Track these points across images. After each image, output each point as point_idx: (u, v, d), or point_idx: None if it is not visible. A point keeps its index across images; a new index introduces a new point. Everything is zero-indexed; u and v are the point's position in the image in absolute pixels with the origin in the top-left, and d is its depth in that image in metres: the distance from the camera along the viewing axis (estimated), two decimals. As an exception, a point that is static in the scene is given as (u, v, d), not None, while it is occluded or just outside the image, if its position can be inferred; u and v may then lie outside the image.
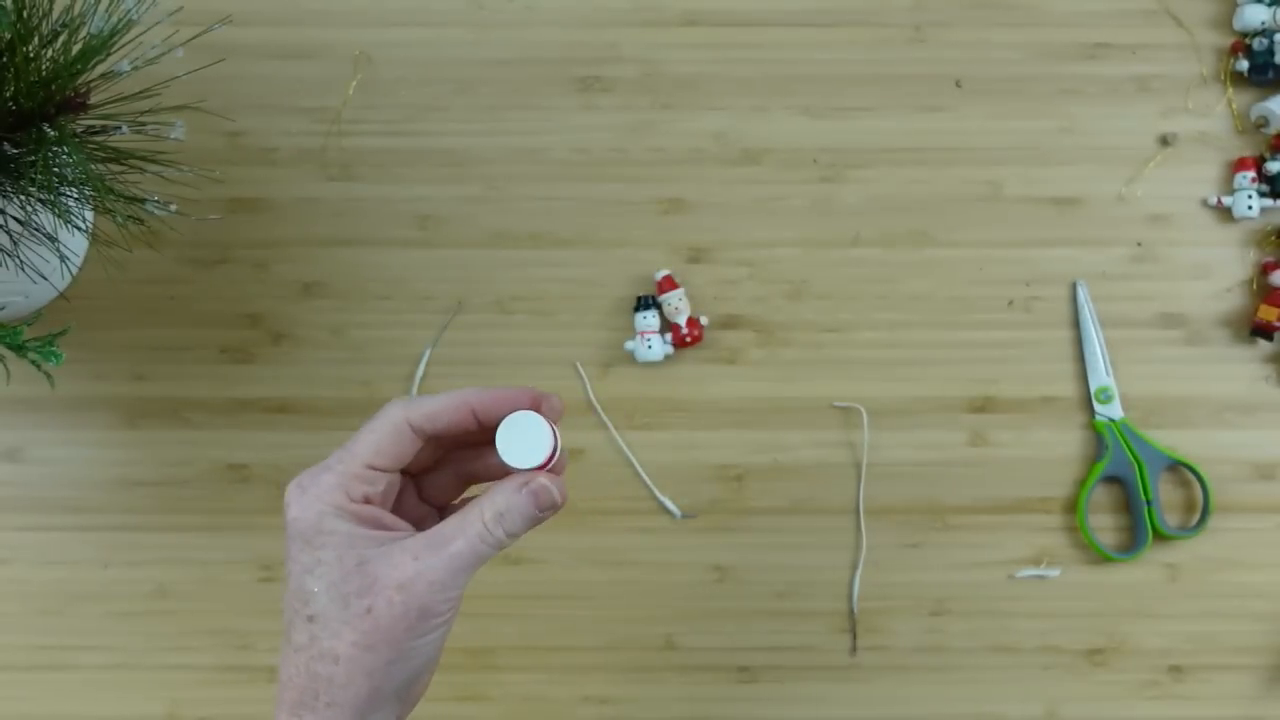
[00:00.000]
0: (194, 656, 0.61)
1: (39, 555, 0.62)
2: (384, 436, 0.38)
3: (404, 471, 0.40)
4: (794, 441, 0.62)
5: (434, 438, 0.40)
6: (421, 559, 0.36)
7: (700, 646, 0.61)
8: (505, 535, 0.38)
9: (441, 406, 0.39)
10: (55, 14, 0.48)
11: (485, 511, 0.38)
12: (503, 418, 0.38)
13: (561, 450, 0.40)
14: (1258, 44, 0.64)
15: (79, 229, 0.55)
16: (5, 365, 0.49)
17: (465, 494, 0.44)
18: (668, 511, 0.62)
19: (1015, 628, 0.61)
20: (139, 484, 0.62)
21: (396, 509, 0.41)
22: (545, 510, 0.39)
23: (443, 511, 0.43)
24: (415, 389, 0.62)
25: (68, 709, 0.61)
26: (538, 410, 0.39)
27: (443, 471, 0.43)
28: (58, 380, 0.59)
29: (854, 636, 0.61)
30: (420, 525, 0.40)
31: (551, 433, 0.39)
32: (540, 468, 0.39)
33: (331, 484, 0.37)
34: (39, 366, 0.47)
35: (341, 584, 0.36)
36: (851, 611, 0.61)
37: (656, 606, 0.62)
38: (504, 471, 0.39)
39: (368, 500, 0.38)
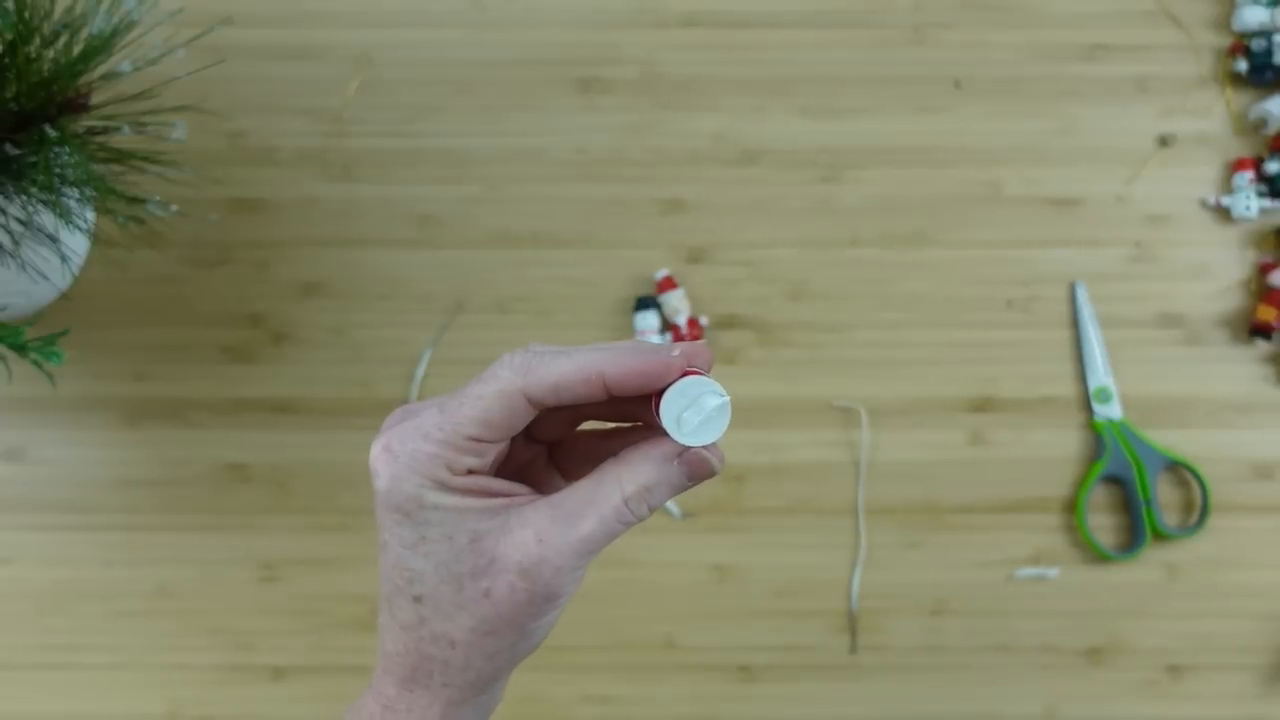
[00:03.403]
0: (195, 656, 0.61)
1: (40, 555, 0.62)
2: (494, 406, 0.32)
3: None
4: (794, 441, 0.62)
5: (558, 406, 0.34)
6: (547, 541, 0.32)
7: (700, 646, 0.61)
8: (648, 511, 0.33)
9: (570, 376, 0.32)
10: (56, 15, 0.49)
11: (626, 486, 0.33)
12: (639, 390, 0.32)
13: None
14: (1256, 45, 0.64)
15: (80, 229, 0.55)
16: (7, 365, 0.49)
17: (582, 427, 0.38)
18: (668, 511, 0.62)
19: (1015, 627, 0.62)
20: (140, 484, 0.62)
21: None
22: (698, 482, 0.34)
23: (553, 451, 0.38)
24: (416, 390, 0.63)
25: (69, 708, 0.61)
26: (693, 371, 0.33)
27: (557, 410, 0.36)
28: (59, 380, 0.59)
29: (854, 635, 0.61)
30: (528, 469, 0.36)
31: (723, 393, 0.32)
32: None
33: (428, 454, 0.32)
34: (40, 366, 0.47)
35: (454, 564, 0.32)
36: (851, 611, 0.62)
37: (656, 606, 0.62)
38: (625, 411, 0.34)
39: (471, 473, 0.33)
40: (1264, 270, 0.63)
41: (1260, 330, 0.62)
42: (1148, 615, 0.61)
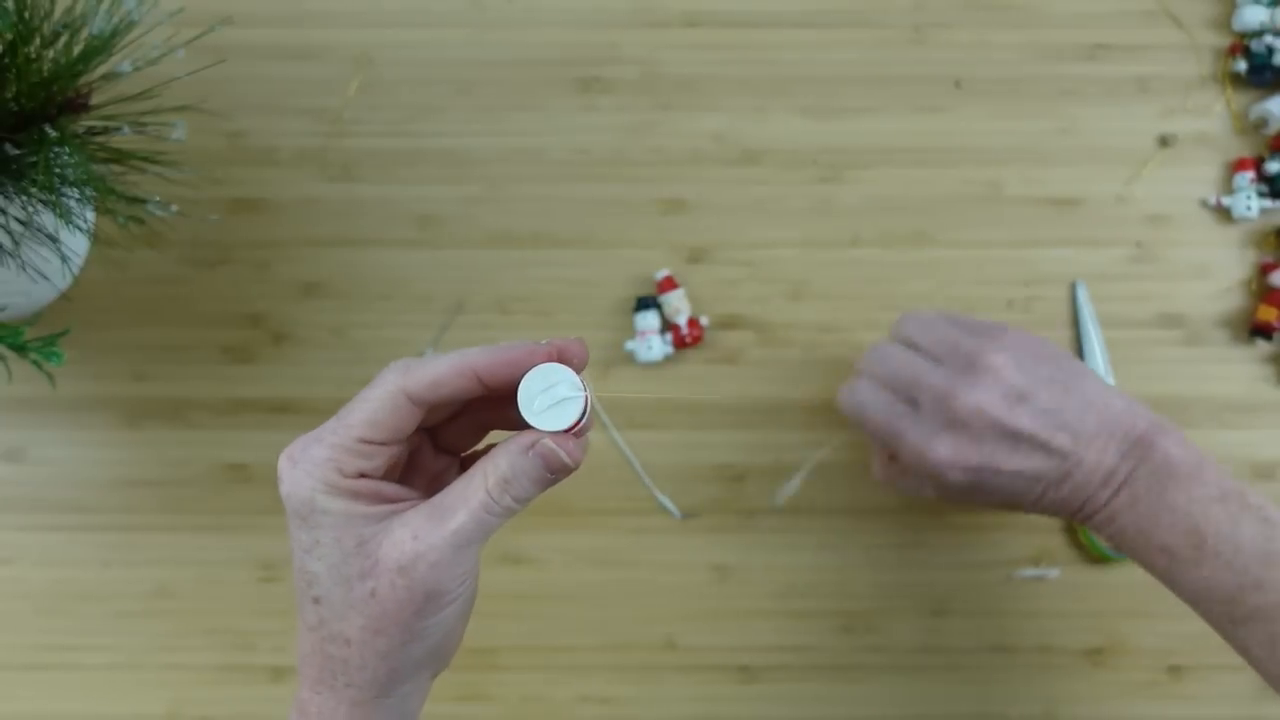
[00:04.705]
0: (194, 656, 0.61)
1: (40, 555, 0.62)
2: (379, 408, 0.35)
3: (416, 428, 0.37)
4: (794, 441, 0.62)
5: (438, 405, 0.36)
6: (421, 537, 0.33)
7: (700, 646, 0.61)
8: (513, 502, 0.35)
9: (443, 373, 0.35)
10: (56, 15, 0.48)
11: (489, 477, 0.34)
12: (512, 379, 0.34)
13: (590, 406, 0.36)
14: (1256, 45, 0.64)
15: (80, 229, 0.55)
16: (6, 365, 0.49)
17: (486, 441, 0.40)
18: (668, 511, 0.62)
19: (1015, 628, 0.61)
20: (139, 484, 0.62)
21: (411, 465, 0.38)
22: (557, 473, 0.35)
23: (464, 463, 0.40)
24: (416, 389, 0.62)
25: (68, 708, 0.61)
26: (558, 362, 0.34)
27: (459, 420, 0.39)
28: (59, 380, 0.59)
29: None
30: (439, 481, 0.37)
31: (581, 388, 0.34)
32: (570, 429, 0.35)
33: (322, 458, 0.34)
34: (40, 366, 0.47)
35: (342, 566, 0.34)
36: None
37: (656, 606, 0.62)
38: (524, 421, 0.35)
39: (362, 475, 0.35)
40: (1265, 270, 0.63)
41: (1261, 330, 0.62)
42: (1148, 615, 0.61)
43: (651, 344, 0.62)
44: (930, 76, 0.65)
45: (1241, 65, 0.64)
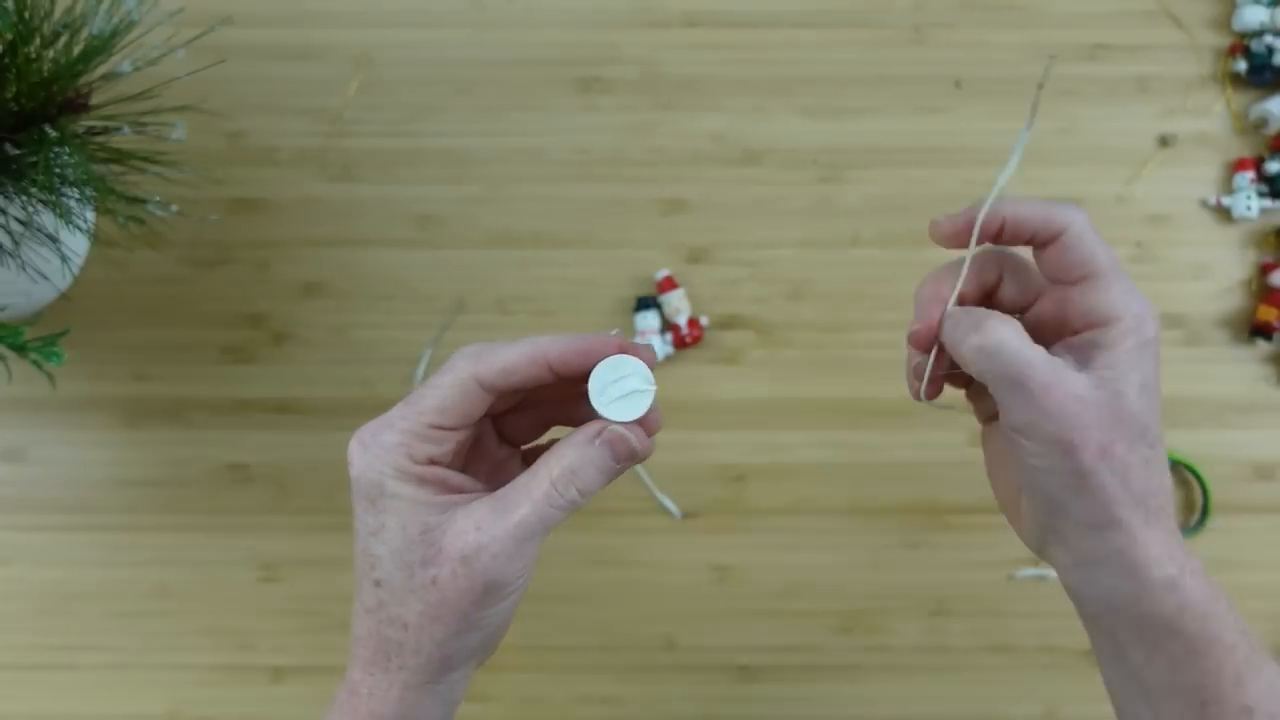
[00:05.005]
0: (194, 656, 0.61)
1: (40, 555, 0.62)
2: (451, 394, 0.35)
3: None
4: (794, 441, 0.62)
5: (508, 392, 0.36)
6: (484, 528, 0.34)
7: (700, 646, 0.61)
8: (578, 495, 0.35)
9: (514, 360, 0.35)
10: (56, 15, 0.48)
11: (553, 469, 0.34)
12: (583, 369, 0.35)
13: (655, 404, 0.36)
14: (1256, 45, 0.64)
15: (80, 229, 0.55)
16: (6, 365, 0.49)
17: (548, 436, 0.40)
18: (668, 511, 0.62)
19: (1015, 628, 0.61)
20: (139, 484, 0.62)
21: (474, 454, 0.38)
22: (623, 463, 0.35)
23: (526, 456, 0.40)
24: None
25: (68, 709, 0.61)
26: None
27: (524, 413, 0.39)
28: (58, 380, 0.59)
29: (854, 636, 0.61)
30: (501, 470, 0.37)
31: (653, 382, 0.35)
32: (638, 421, 0.35)
33: (393, 443, 0.34)
34: (40, 366, 0.47)
35: (405, 552, 0.34)
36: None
37: (656, 606, 0.62)
38: (589, 414, 0.35)
39: (432, 461, 0.35)
40: (1264, 270, 0.63)
41: (1261, 330, 0.62)
42: (1148, 615, 0.61)
43: (652, 344, 0.62)
44: (930, 76, 0.65)
45: (1241, 65, 0.64)
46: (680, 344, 0.62)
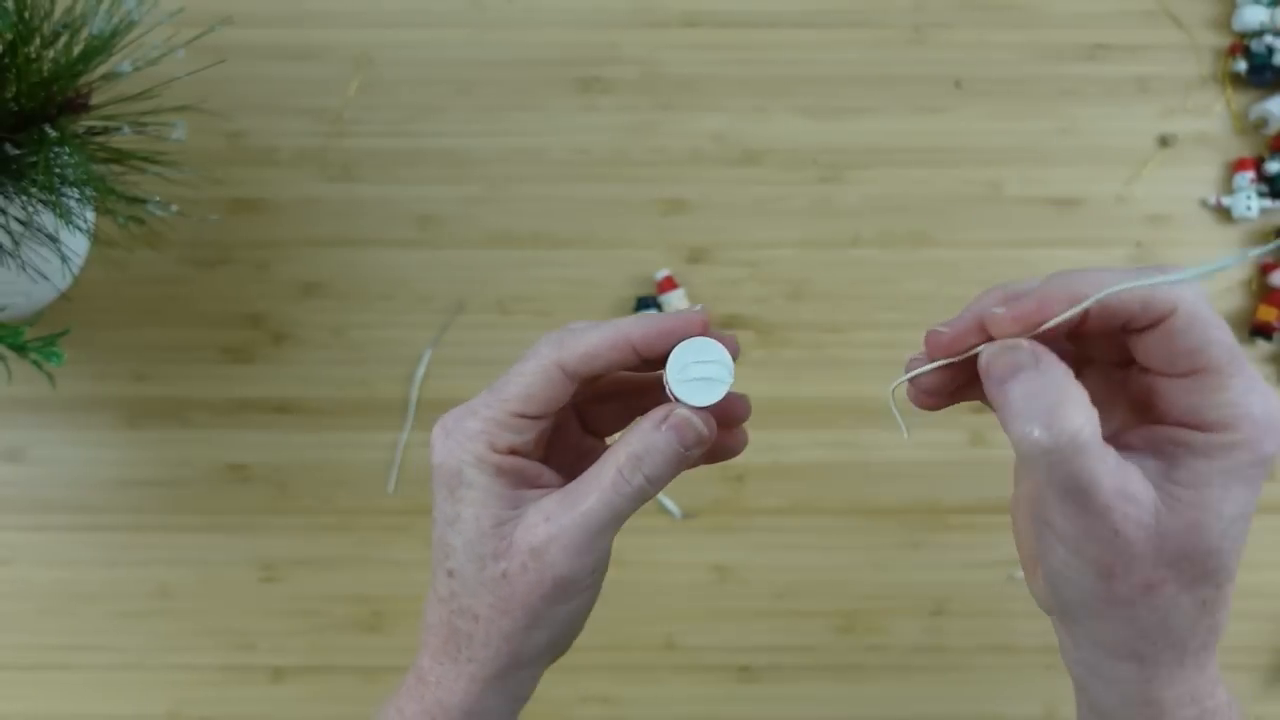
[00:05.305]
0: (195, 656, 0.61)
1: (40, 555, 0.62)
2: (534, 381, 0.34)
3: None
4: (794, 441, 0.62)
5: (592, 377, 0.35)
6: (553, 520, 0.33)
7: (700, 646, 0.61)
8: (646, 482, 0.33)
9: (597, 345, 0.34)
10: (56, 15, 0.48)
11: (620, 455, 0.33)
12: (668, 350, 0.34)
13: (743, 396, 0.34)
14: (1256, 45, 0.64)
15: (80, 229, 0.55)
16: (7, 365, 0.49)
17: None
18: (668, 511, 0.62)
19: (1015, 628, 0.61)
20: (140, 484, 0.62)
21: (556, 444, 0.38)
22: (692, 448, 0.34)
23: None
24: (416, 390, 0.63)
25: (69, 709, 0.61)
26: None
27: (609, 404, 0.39)
28: (59, 380, 0.59)
29: (854, 636, 0.61)
30: (583, 462, 0.37)
31: (731, 370, 0.34)
32: (710, 407, 0.34)
33: (475, 431, 0.34)
34: (40, 367, 0.47)
35: (478, 544, 0.34)
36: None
37: (656, 606, 0.62)
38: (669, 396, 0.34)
39: (513, 450, 0.34)
40: (1264, 270, 0.63)
41: (1260, 330, 0.62)
42: (1148, 615, 0.61)
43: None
44: (930, 76, 0.65)
45: (1241, 65, 0.64)
46: (680, 344, 0.62)
